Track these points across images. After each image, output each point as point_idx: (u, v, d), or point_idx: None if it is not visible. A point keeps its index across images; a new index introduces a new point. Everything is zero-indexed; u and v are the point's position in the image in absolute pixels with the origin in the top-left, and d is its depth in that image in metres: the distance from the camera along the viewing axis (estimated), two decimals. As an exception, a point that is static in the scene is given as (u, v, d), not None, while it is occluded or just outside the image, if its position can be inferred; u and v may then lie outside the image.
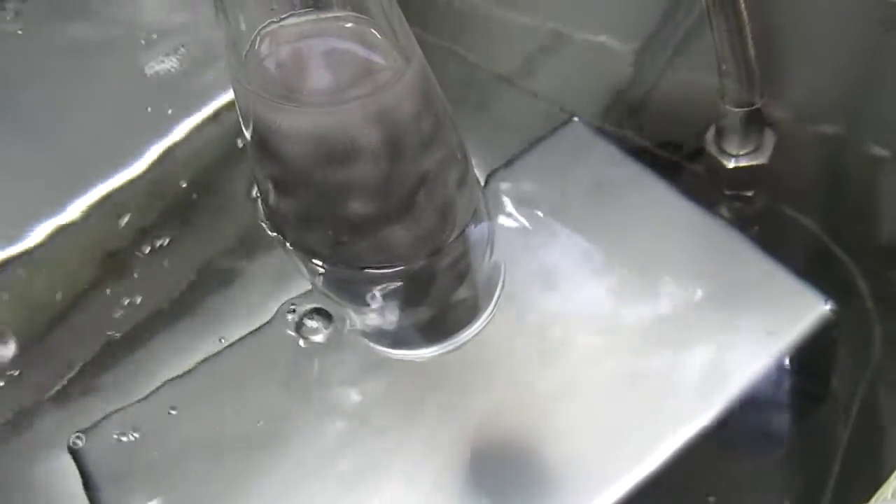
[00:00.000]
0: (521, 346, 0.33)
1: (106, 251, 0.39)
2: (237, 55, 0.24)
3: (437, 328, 0.33)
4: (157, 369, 0.36)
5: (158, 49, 0.42)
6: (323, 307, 0.34)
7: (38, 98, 0.41)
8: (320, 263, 0.28)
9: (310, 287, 0.34)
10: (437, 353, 0.33)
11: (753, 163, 0.37)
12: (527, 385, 0.32)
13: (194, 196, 0.41)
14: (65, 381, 0.37)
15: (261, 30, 0.24)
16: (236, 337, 0.35)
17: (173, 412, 0.34)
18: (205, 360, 0.35)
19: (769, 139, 0.37)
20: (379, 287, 0.28)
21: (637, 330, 0.33)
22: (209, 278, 0.38)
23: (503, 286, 0.34)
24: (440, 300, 0.31)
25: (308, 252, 0.28)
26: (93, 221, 0.40)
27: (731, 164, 0.37)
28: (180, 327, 0.37)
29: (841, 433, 0.32)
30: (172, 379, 0.35)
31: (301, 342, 0.34)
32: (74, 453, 0.33)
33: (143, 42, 0.42)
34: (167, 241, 0.39)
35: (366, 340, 0.34)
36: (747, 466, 0.32)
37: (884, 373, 0.32)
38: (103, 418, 0.34)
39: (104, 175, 0.41)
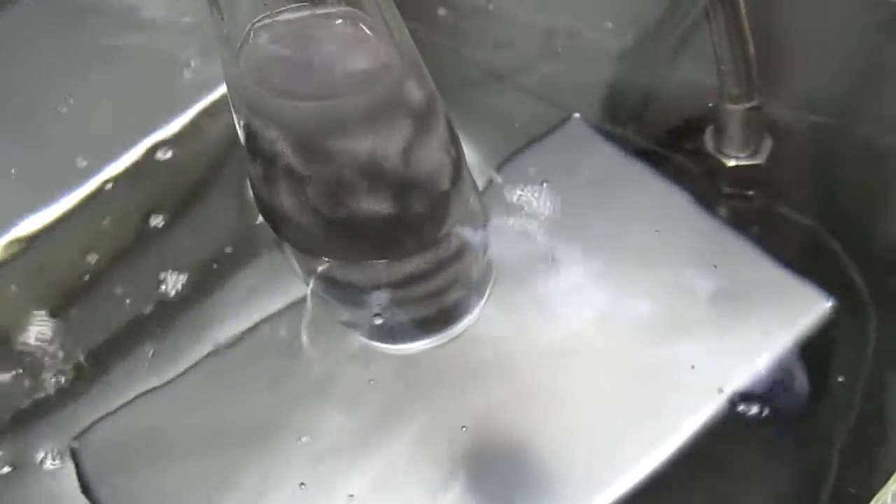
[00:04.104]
0: (514, 342, 0.33)
1: (97, 251, 0.39)
2: (230, 50, 0.24)
3: (430, 322, 0.33)
4: (153, 370, 0.35)
5: (154, 43, 0.42)
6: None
7: (35, 92, 0.41)
8: (313, 258, 0.28)
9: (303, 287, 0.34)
10: (428, 346, 0.33)
11: (752, 162, 0.37)
12: (520, 381, 0.32)
13: (188, 195, 0.40)
14: (62, 382, 0.37)
15: (254, 24, 0.23)
16: (231, 336, 0.35)
17: (169, 413, 0.34)
18: (200, 361, 0.35)
19: (768, 138, 0.37)
20: (372, 282, 0.28)
21: (635, 328, 0.33)
22: (203, 278, 0.38)
23: (494, 282, 0.34)
24: (433, 295, 0.31)
25: (301, 247, 0.28)
26: (84, 220, 0.40)
27: (730, 163, 0.37)
28: (175, 328, 0.37)
29: (840, 433, 0.32)
30: (169, 381, 0.35)
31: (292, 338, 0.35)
32: (73, 455, 0.33)
33: (140, 37, 0.42)
34: (160, 240, 0.39)
35: (357, 335, 0.34)
36: (747, 465, 0.32)
37: (883, 371, 0.32)
38: (100, 419, 0.34)
39: (94, 172, 0.40)
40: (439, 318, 0.33)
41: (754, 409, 0.32)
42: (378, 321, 0.31)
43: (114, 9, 0.42)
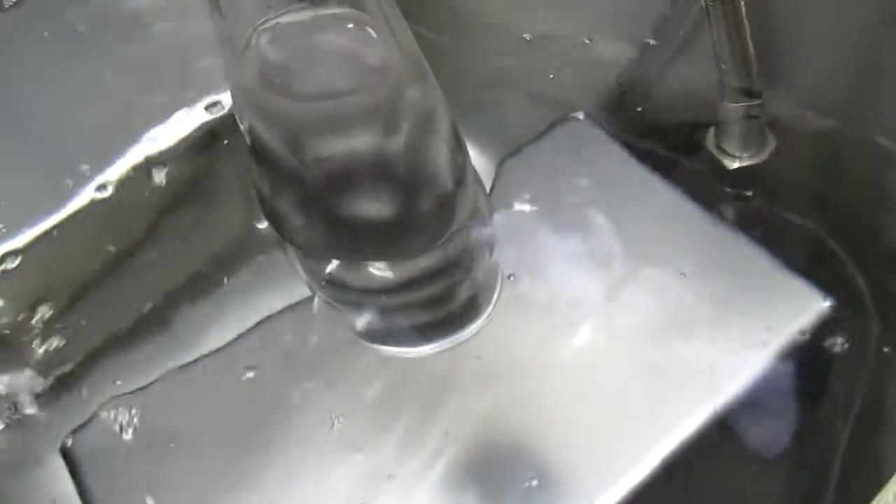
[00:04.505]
0: (521, 344, 0.33)
1: (98, 252, 0.39)
2: (233, 52, 0.24)
3: (437, 326, 0.33)
4: (151, 369, 0.35)
5: (151, 45, 0.42)
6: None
7: (29, 94, 0.41)
8: (318, 261, 0.28)
9: (306, 289, 0.34)
10: (436, 350, 0.33)
11: (753, 161, 0.37)
12: (526, 383, 0.32)
13: (187, 196, 0.40)
14: (60, 380, 0.37)
15: (257, 26, 0.23)
16: (230, 336, 0.35)
17: (165, 411, 0.34)
18: (198, 360, 0.35)
19: (768, 137, 0.37)
20: (378, 285, 0.28)
21: (637, 327, 0.33)
22: (202, 279, 0.38)
23: (503, 284, 0.34)
24: (439, 298, 0.31)
25: (306, 249, 0.28)
26: (88, 217, 0.40)
27: (730, 163, 0.37)
28: (172, 328, 0.37)
29: (841, 433, 0.32)
30: (163, 378, 0.34)
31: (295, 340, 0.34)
32: (66, 453, 0.33)
33: (134, 38, 0.42)
34: (161, 239, 0.39)
35: (362, 339, 0.34)
36: (746, 466, 0.32)
37: (883, 372, 0.32)
38: (93, 418, 0.34)
39: (92, 176, 0.40)
40: (448, 322, 0.33)
41: (753, 409, 0.32)
42: (384, 325, 0.31)
43: (117, 12, 0.42)
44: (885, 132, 0.34)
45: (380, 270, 0.28)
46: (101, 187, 0.40)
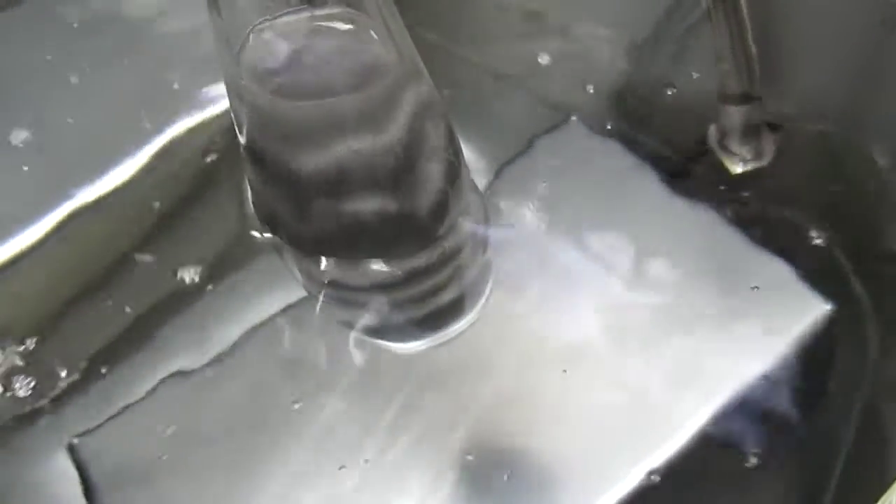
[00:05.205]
0: (512, 344, 0.33)
1: (98, 255, 0.39)
2: (230, 51, 0.24)
3: (428, 322, 0.33)
4: (154, 373, 0.35)
5: (150, 49, 0.42)
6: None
7: (27, 100, 0.41)
8: (313, 260, 0.28)
9: (302, 293, 0.34)
10: (427, 346, 0.33)
11: (754, 163, 0.37)
12: (519, 380, 0.33)
13: (185, 200, 0.40)
14: (63, 384, 0.37)
15: (255, 27, 0.23)
16: (230, 339, 0.35)
17: (169, 415, 0.34)
18: (201, 367, 0.35)
19: (769, 139, 0.37)
20: (371, 282, 0.28)
21: (635, 329, 0.33)
22: (200, 282, 0.38)
23: (493, 283, 0.34)
24: (432, 294, 0.31)
25: (301, 248, 0.28)
26: (87, 222, 0.40)
27: (731, 164, 0.37)
28: (171, 332, 0.37)
29: (842, 438, 0.32)
30: (165, 383, 0.35)
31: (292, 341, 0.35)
32: (73, 455, 0.33)
33: (134, 41, 0.42)
34: (158, 243, 0.39)
35: (356, 334, 0.34)
36: (748, 468, 0.32)
37: (883, 375, 0.32)
38: (101, 421, 0.34)
39: (88, 180, 0.40)
40: (438, 318, 0.33)
41: (755, 413, 0.32)
42: (378, 321, 0.31)
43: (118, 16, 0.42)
44: (885, 134, 0.34)
45: (373, 267, 0.28)
46: (108, 184, 0.40)
